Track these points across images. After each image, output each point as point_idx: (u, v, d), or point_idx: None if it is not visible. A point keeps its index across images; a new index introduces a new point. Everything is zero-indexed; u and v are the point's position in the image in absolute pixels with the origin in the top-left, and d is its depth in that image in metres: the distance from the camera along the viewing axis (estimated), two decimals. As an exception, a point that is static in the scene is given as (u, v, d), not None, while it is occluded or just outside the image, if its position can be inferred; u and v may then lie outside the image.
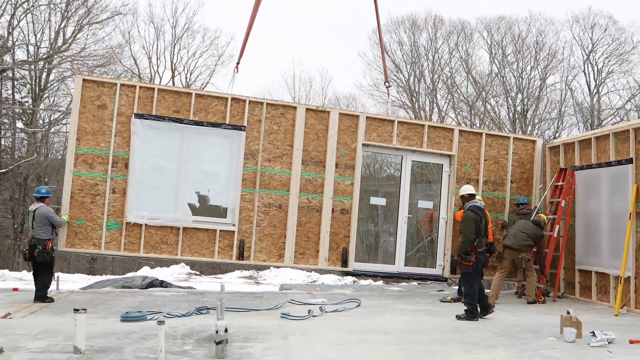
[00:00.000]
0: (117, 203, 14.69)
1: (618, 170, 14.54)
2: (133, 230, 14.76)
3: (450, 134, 16.95)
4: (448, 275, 16.73)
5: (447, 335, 10.42)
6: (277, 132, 15.67)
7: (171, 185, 14.94)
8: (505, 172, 17.23)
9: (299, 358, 8.49)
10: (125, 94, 14.85)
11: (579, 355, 9.06)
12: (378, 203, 17.36)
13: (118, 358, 8.16)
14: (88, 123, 14.63)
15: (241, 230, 15.37)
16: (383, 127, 16.40)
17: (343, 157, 16.01)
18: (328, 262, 15.78)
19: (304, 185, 15.77)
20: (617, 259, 14.26)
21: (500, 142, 17.36)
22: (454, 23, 49.37)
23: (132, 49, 46.45)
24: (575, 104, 46.57)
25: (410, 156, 16.76)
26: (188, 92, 15.49)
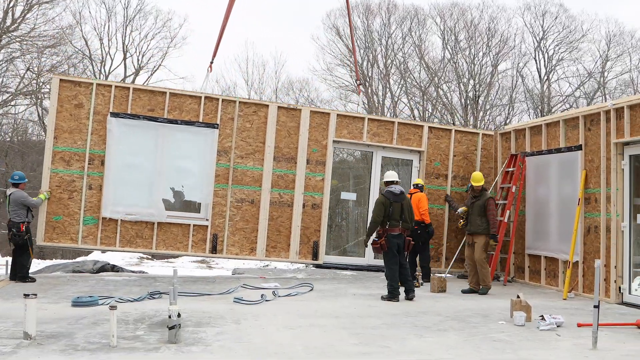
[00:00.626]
0: (94, 199, 15.21)
1: (567, 156, 14.77)
2: (109, 225, 15.29)
3: (420, 130, 17.29)
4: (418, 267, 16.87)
5: (398, 320, 10.50)
6: (250, 129, 16.06)
7: (146, 181, 15.42)
8: (474, 167, 17.59)
9: (251, 342, 8.49)
10: (101, 94, 15.29)
11: (528, 338, 9.20)
12: (349, 198, 17.63)
13: (69, 343, 8.08)
14: (65, 122, 15.09)
15: (214, 224, 15.82)
16: (354, 124, 16.77)
17: (314, 154, 16.43)
18: (299, 255, 16.21)
19: (275, 181, 16.21)
20: (565, 244, 14.50)
21: (470, 138, 17.74)
22: (408, 8, 49.64)
23: (83, 30, 45.77)
24: (525, 91, 47.14)
25: (381, 152, 17.16)
26: (163, 91, 15.86)
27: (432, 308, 11.82)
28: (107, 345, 7.97)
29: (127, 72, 46.45)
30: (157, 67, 47.36)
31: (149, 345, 8.08)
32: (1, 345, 7.90)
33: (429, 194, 16.97)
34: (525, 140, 16.43)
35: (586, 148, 14.19)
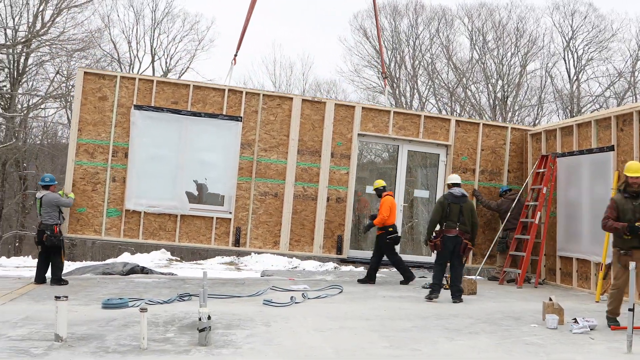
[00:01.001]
0: (117, 191, 15.23)
1: (599, 157, 14.59)
2: (132, 217, 15.30)
3: (447, 124, 17.12)
4: None
5: (429, 322, 10.43)
6: (274, 122, 16.00)
7: (169, 174, 15.39)
8: (503, 161, 17.36)
9: (281, 345, 8.47)
10: (125, 86, 15.33)
11: (561, 342, 9.09)
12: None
13: (100, 345, 8.10)
14: (89, 114, 15.16)
15: (237, 217, 15.76)
16: (379, 118, 16.63)
17: (339, 147, 16.31)
18: (323, 249, 16.07)
19: (299, 174, 16.10)
20: (597, 246, 14.32)
21: (498, 132, 17.50)
22: (435, 9, 49.44)
23: (111, 33, 46.16)
24: (555, 91, 46.81)
25: (407, 146, 16.99)
26: (186, 84, 15.89)
27: (463, 310, 11.72)
28: (138, 348, 7.97)
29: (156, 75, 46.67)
30: (184, 69, 47.66)
31: (180, 348, 8.07)
32: (33, 347, 7.93)
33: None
34: (556, 141, 16.27)
35: (618, 149, 14.02)
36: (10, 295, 12.37)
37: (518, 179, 17.32)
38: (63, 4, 37.24)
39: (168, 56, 47.48)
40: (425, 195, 17.59)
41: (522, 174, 17.50)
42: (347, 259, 16.54)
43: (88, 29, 40.34)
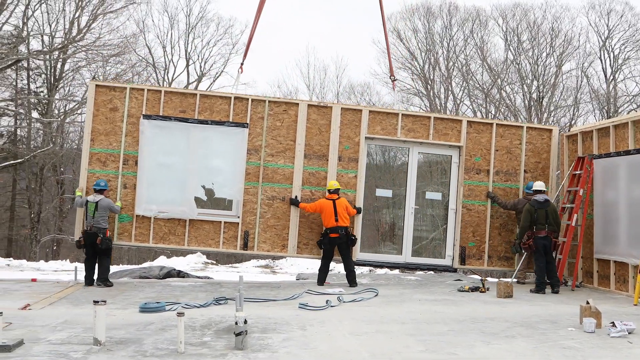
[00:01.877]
0: (129, 197, 15.70)
1: (637, 158, 14.44)
2: (143, 223, 15.75)
3: (458, 125, 16.98)
4: (457, 265, 16.79)
5: (465, 326, 10.39)
6: (280, 128, 16.23)
7: (178, 180, 15.81)
8: (519, 162, 17.14)
9: (317, 349, 8.49)
10: (134, 97, 15.85)
11: (598, 345, 9.01)
12: (384, 195, 17.46)
13: (138, 349, 8.19)
14: (101, 125, 15.73)
15: (245, 221, 16.03)
16: (387, 121, 16.63)
17: (346, 151, 16.40)
18: None
19: (307, 179, 16.26)
20: (635, 248, 14.18)
21: (513, 132, 17.25)
22: (469, 10, 49.22)
23: (146, 38, 46.60)
24: (591, 91, 46.36)
25: (417, 148, 16.91)
26: (193, 93, 16.39)
27: (499, 314, 11.66)
28: (175, 352, 8.05)
29: (190, 79, 47.06)
30: (219, 73, 47.98)
31: (216, 352, 8.13)
32: (72, 351, 8.04)
33: (469, 189, 16.85)
34: (592, 143, 16.13)
35: (656, 150, 13.88)
36: (50, 299, 12.54)
37: (535, 179, 17.03)
38: (99, 10, 37.69)
39: (202, 60, 47.86)
40: (437, 197, 17.48)
41: (540, 173, 17.25)
42: (356, 261, 16.46)
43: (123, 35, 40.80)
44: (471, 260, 16.79)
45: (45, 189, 40.10)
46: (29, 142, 39.42)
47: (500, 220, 16.94)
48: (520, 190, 17.03)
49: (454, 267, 16.92)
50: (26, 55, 36.03)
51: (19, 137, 39.99)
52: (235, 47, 48.34)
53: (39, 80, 40.11)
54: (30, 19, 36.54)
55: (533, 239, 15.04)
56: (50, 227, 40.38)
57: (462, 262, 16.77)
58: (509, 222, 16.97)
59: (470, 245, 16.74)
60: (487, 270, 17.23)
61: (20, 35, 35.80)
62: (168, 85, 46.16)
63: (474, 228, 16.85)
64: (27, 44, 37.47)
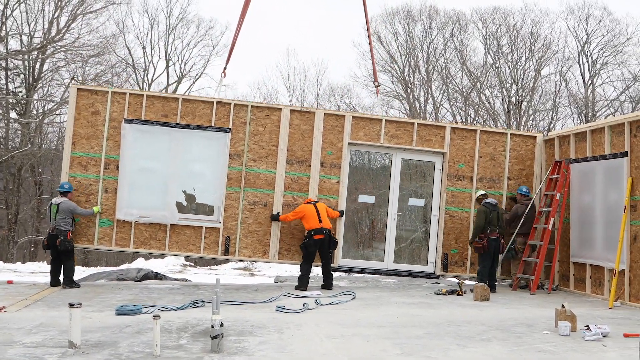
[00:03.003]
0: (109, 202, 15.67)
1: (613, 163, 14.56)
2: (124, 227, 15.70)
3: (442, 131, 17.00)
4: (440, 272, 16.82)
5: (441, 329, 10.42)
6: (262, 133, 16.22)
7: (159, 185, 15.76)
8: (502, 169, 17.18)
9: (294, 352, 8.49)
10: (116, 101, 15.82)
11: (573, 349, 9.07)
12: (366, 201, 17.48)
13: (113, 353, 8.15)
14: (82, 128, 15.69)
15: (227, 227, 15.99)
16: (370, 126, 16.65)
17: (329, 156, 16.40)
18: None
19: (289, 184, 16.24)
20: (611, 252, 14.29)
21: (497, 139, 17.28)
22: (449, 14, 49.39)
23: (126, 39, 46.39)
24: (569, 95, 46.68)
25: (401, 154, 16.92)
26: (175, 97, 16.30)
27: (475, 317, 11.71)
28: (151, 355, 8.02)
29: (170, 80, 46.96)
30: (199, 75, 47.87)
31: (192, 355, 8.12)
32: (47, 354, 8.00)
33: (452, 196, 16.89)
34: (569, 147, 16.24)
35: (632, 155, 13.98)
36: (25, 301, 12.47)
37: (519, 186, 17.17)
38: (78, 10, 37.54)
39: (182, 61, 47.69)
40: (420, 204, 17.54)
41: (524, 180, 17.32)
42: (337, 267, 16.48)
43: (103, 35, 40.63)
44: (454, 267, 16.83)
45: (23, 189, 39.81)
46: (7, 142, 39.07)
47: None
48: (504, 197, 17.07)
49: (437, 274, 16.94)
50: (4, 55, 35.82)
51: (-3, 137, 39.70)
52: (215, 48, 48.32)
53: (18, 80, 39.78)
54: (8, 18, 36.31)
55: (487, 240, 15.45)
56: (28, 228, 40.11)
57: (445, 269, 16.80)
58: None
59: (453, 252, 16.78)
60: (469, 277, 17.25)
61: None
62: (148, 86, 46.04)
63: (456, 235, 16.89)
64: (6, 43, 37.19)
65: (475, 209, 16.68)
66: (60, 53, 37.60)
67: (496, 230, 15.54)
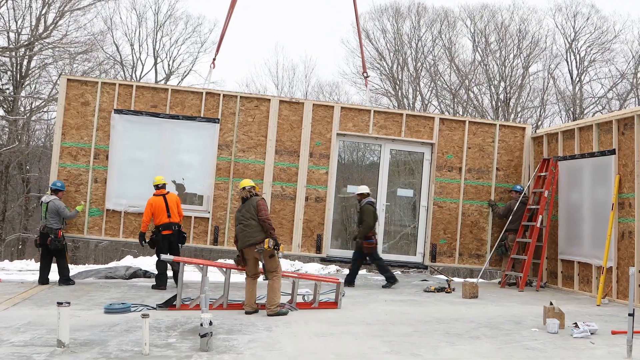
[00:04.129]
0: (99, 192, 15.82)
1: (601, 160, 14.61)
2: (113, 217, 15.87)
3: (430, 122, 17.06)
4: (428, 262, 16.89)
5: (430, 327, 10.45)
6: (251, 123, 16.32)
7: (148, 175, 15.62)
8: (491, 160, 17.24)
9: (283, 350, 8.50)
10: (106, 91, 15.94)
11: (561, 346, 9.11)
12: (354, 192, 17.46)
13: (102, 351, 8.13)
14: (72, 119, 15.83)
15: (216, 217, 16.15)
16: (359, 117, 16.70)
17: (318, 147, 16.50)
18: (302, 248, 16.28)
19: (277, 175, 16.37)
20: (599, 249, 14.35)
21: (486, 130, 17.34)
22: (437, 11, 49.31)
23: (114, 36, 46.21)
24: (557, 92, 46.70)
25: (389, 145, 16.98)
26: (165, 88, 16.49)
27: (464, 315, 11.75)
28: (140, 354, 8.01)
29: (158, 77, 46.77)
30: (187, 72, 47.64)
31: (181, 354, 8.11)
32: (35, 353, 7.97)
33: (440, 187, 16.97)
34: (557, 145, 16.29)
35: (620, 152, 14.04)
36: (13, 300, 12.43)
37: (507, 177, 17.30)
38: (66, 7, 37.31)
39: (171, 58, 47.51)
40: (409, 194, 17.59)
41: (513, 171, 17.41)
42: (326, 257, 16.62)
43: (91, 32, 40.44)
44: (442, 258, 16.92)
45: (11, 187, 39.61)
46: (-6, 140, 38.94)
47: (472, 218, 17.05)
48: (492, 188, 17.13)
49: (425, 264, 17.03)
50: (-9, 52, 35.63)
51: (-16, 134, 39.50)
52: (203, 45, 48.11)
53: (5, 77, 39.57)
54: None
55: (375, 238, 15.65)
56: (16, 225, 39.93)
57: (433, 259, 16.89)
58: (481, 220, 17.08)
59: (442, 242, 16.86)
60: (457, 267, 17.35)
61: (-14, 32, 35.39)
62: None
63: (445, 225, 16.96)
64: (-7, 40, 37.05)
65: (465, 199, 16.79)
66: (48, 50, 37.37)
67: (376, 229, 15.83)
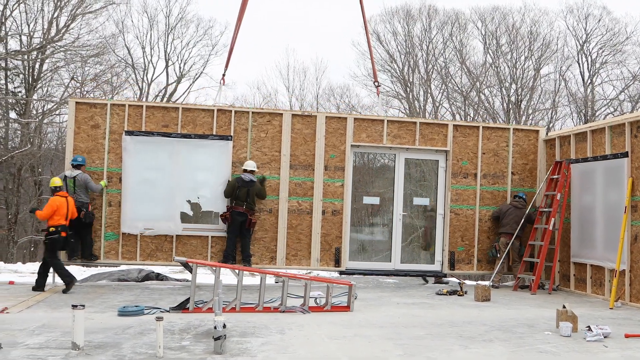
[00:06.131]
0: (114, 215, 15.72)
1: (613, 163, 14.58)
2: (129, 240, 15.79)
3: (444, 129, 17.02)
4: (447, 270, 16.84)
5: (443, 330, 10.45)
6: (264, 139, 16.27)
7: (163, 195, 15.81)
8: (506, 164, 17.23)
9: (296, 353, 8.51)
10: (116, 113, 15.81)
11: (575, 350, 9.10)
12: (371, 202, 17.46)
13: (116, 354, 8.17)
14: (83, 142, 15.71)
15: None
16: (372, 127, 16.68)
17: (332, 160, 16.44)
18: (320, 262, 16.28)
19: (293, 189, 16.32)
20: (612, 252, 14.31)
21: (500, 134, 17.31)
22: (448, 13, 49.37)
23: (125, 39, 46.39)
24: (569, 94, 46.66)
25: (404, 154, 16.98)
26: (175, 107, 16.35)
27: (477, 318, 11.73)
28: (154, 356, 8.03)
29: (169, 80, 46.93)
30: (198, 74, 47.81)
31: (195, 356, 8.13)
32: (50, 355, 8.01)
33: (456, 194, 16.95)
34: (570, 147, 16.26)
35: (632, 155, 14.00)
36: (27, 302, 12.49)
37: (523, 181, 17.29)
38: (78, 11, 37.48)
39: (182, 61, 47.68)
40: (425, 202, 17.53)
41: (528, 175, 17.37)
42: (345, 270, 16.56)
43: (102, 35, 40.61)
44: (461, 265, 16.90)
45: (23, 189, 39.75)
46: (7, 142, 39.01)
47: (489, 223, 17.03)
48: (508, 192, 17.12)
49: (444, 273, 16.97)
50: (4, 55, 35.77)
51: (-4, 137, 39.67)
52: (214, 48, 48.33)
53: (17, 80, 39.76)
54: (8, 18, 36.20)
55: (230, 213, 15.54)
56: (28, 228, 40.05)
57: (452, 267, 16.87)
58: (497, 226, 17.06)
59: (460, 249, 16.84)
60: (477, 274, 17.33)
61: (-2, 35, 35.55)
62: (147, 86, 46.10)
63: (462, 232, 16.95)
64: (5, 44, 37.15)
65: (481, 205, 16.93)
66: (60, 53, 37.51)
67: (242, 206, 15.49)
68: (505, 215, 16.50)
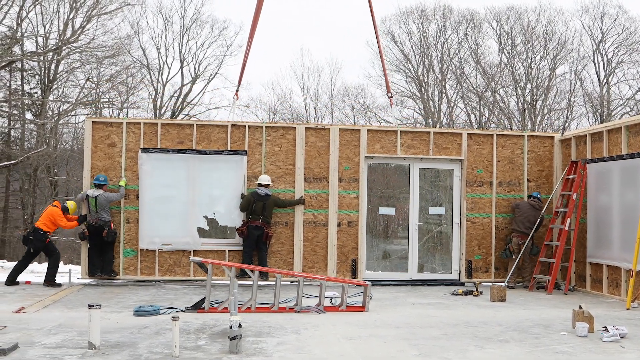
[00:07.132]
0: (132, 232, 15.93)
1: (630, 163, 14.50)
2: (148, 256, 15.99)
3: (458, 138, 16.98)
4: (465, 279, 16.78)
5: (458, 330, 10.44)
6: (279, 153, 16.38)
7: (179, 211, 16.04)
8: (521, 171, 17.15)
9: (311, 353, 8.52)
10: (132, 131, 16.05)
11: (591, 350, 9.06)
12: (387, 213, 17.45)
13: (133, 353, 8.21)
14: (100, 161, 15.98)
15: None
16: (386, 138, 16.71)
17: (347, 171, 16.53)
18: (337, 274, 16.39)
19: (308, 202, 16.42)
20: (628, 252, 14.23)
21: (514, 142, 17.23)
22: (463, 13, 49.19)
23: (140, 40, 46.57)
24: (584, 94, 46.42)
25: (418, 164, 17.01)
26: (190, 124, 16.71)
27: (492, 318, 11.70)
28: (170, 356, 8.07)
29: (184, 81, 47.02)
30: (213, 75, 47.83)
31: (211, 356, 8.16)
32: (67, 355, 8.06)
33: (472, 202, 16.90)
34: (586, 147, 16.19)
35: (649, 155, 13.94)
36: (44, 302, 12.57)
37: (539, 187, 17.17)
38: (93, 12, 37.59)
39: (197, 62, 47.74)
40: (441, 212, 17.46)
41: (544, 181, 17.28)
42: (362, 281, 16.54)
43: (118, 36, 40.73)
44: (478, 274, 16.85)
45: (39, 190, 39.97)
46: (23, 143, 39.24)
47: (506, 231, 16.94)
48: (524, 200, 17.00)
49: (462, 282, 16.89)
50: (20, 56, 35.94)
51: (13, 138, 39.81)
52: (229, 49, 48.33)
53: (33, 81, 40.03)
54: (24, 20, 36.35)
55: (247, 227, 15.63)
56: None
57: (469, 276, 16.81)
58: None
59: (477, 258, 16.80)
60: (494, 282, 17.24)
61: (15, 37, 35.71)
62: (162, 87, 46.19)
63: (479, 241, 16.91)
64: (21, 45, 37.37)
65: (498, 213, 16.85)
66: (75, 54, 37.61)
67: (259, 220, 15.58)
68: (521, 212, 16.42)
